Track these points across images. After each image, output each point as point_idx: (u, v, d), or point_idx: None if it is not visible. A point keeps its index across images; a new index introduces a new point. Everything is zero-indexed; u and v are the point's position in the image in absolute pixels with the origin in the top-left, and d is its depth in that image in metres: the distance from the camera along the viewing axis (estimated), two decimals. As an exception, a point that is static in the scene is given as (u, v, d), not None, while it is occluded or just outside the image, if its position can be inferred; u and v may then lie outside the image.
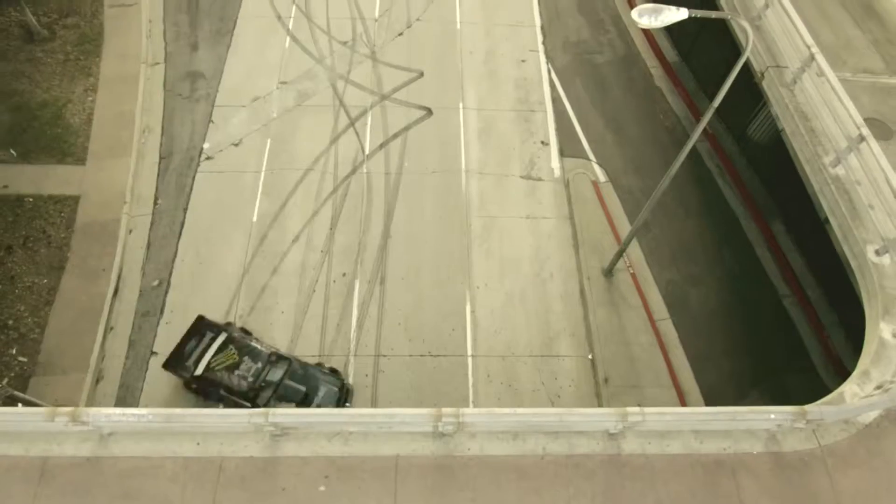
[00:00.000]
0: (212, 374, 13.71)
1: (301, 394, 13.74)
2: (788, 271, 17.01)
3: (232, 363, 13.82)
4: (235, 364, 13.80)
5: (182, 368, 13.93)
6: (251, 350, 14.12)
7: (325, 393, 13.87)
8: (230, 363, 13.82)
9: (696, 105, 20.41)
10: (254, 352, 14.08)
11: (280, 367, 13.96)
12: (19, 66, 19.52)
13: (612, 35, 22.82)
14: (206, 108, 19.49)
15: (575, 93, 20.96)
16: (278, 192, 18.01)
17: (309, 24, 21.78)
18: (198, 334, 14.37)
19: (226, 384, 13.62)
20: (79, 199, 17.24)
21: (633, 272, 17.04)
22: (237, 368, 13.76)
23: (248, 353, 14.03)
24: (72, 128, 18.53)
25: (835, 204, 12.09)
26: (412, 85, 20.46)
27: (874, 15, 15.61)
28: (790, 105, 13.55)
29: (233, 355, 13.92)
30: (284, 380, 13.79)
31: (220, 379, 13.67)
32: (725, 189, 18.86)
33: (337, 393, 14.02)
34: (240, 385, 13.61)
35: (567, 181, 18.82)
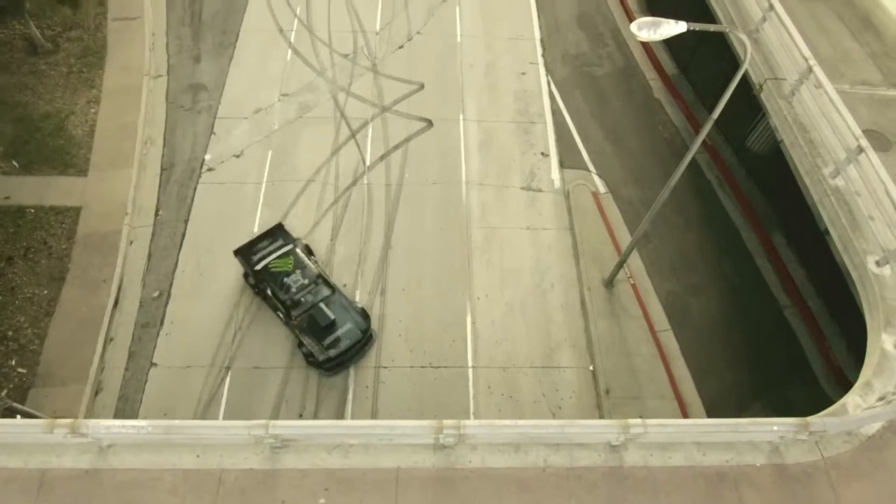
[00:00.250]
0: (266, 273, 15.31)
1: (328, 320, 14.79)
2: (789, 282, 17.01)
3: (285, 271, 15.32)
4: (287, 273, 15.29)
5: (247, 259, 15.64)
6: (305, 267, 15.49)
7: (349, 330, 14.93)
8: (284, 270, 15.33)
9: (694, 117, 20.53)
10: (306, 270, 15.47)
11: (322, 291, 15.29)
12: (22, 78, 19.66)
13: (611, 48, 23.00)
14: (208, 120, 19.60)
15: (575, 105, 21.09)
16: (279, 203, 18.05)
17: (311, 37, 21.97)
18: (271, 237, 16.02)
19: (273, 286, 15.17)
20: (80, 210, 17.29)
21: (633, 283, 17.03)
22: (287, 277, 15.22)
23: (301, 268, 15.45)
24: (74, 139, 18.63)
25: (835, 215, 12.12)
26: (413, 97, 20.60)
27: (871, 28, 15.75)
28: (789, 117, 13.63)
29: (289, 264, 15.43)
30: (320, 303, 15.06)
31: (270, 279, 15.23)
32: (725, 200, 18.91)
33: (360, 335, 14.99)
34: (283, 291, 15.08)
35: (567, 192, 18.87)
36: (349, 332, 14.89)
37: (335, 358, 14.71)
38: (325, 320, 14.77)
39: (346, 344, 14.76)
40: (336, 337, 14.76)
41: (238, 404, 14.82)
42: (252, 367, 15.35)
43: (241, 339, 15.72)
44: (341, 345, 14.72)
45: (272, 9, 22.74)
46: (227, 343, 15.64)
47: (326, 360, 14.66)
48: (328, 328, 14.74)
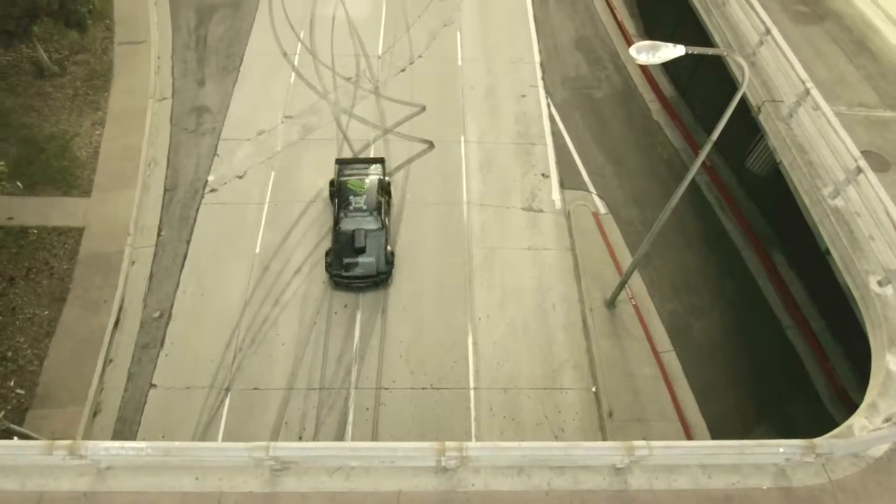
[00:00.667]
0: (343, 185, 17.19)
1: (359, 245, 16.48)
2: (791, 302, 16.97)
3: (355, 190, 17.04)
4: (356, 192, 17.00)
5: (339, 169, 17.63)
6: (371, 197, 17.02)
7: (369, 264, 16.46)
8: (355, 189, 17.06)
9: (693, 138, 20.72)
10: (370, 199, 16.99)
11: (370, 223, 16.83)
12: (29, 100, 19.91)
13: (609, 71, 23.32)
14: (212, 142, 19.79)
15: (574, 126, 21.31)
16: (281, 223, 18.13)
17: (314, 61, 22.31)
18: (368, 163, 17.87)
19: (340, 197, 17.08)
20: (83, 230, 17.36)
21: (635, 303, 17.00)
22: (353, 195, 16.97)
23: (369, 195, 17.01)
24: (78, 160, 18.79)
25: (835, 235, 12.15)
26: (414, 119, 20.82)
27: (866, 51, 15.99)
28: (787, 138, 13.75)
29: (361, 187, 17.07)
30: (362, 228, 16.69)
31: (341, 191, 17.10)
32: (725, 221, 18.98)
33: (374, 272, 16.51)
34: (343, 203, 16.96)
35: (568, 213, 18.95)
36: (367, 265, 16.44)
37: (344, 278, 16.48)
38: (358, 243, 16.48)
39: (360, 272, 16.43)
40: (356, 262, 16.42)
41: (237, 426, 14.68)
42: (252, 389, 15.25)
43: (241, 361, 15.64)
44: (355, 271, 16.42)
45: (276, 34, 23.14)
46: (226, 364, 15.56)
47: (337, 276, 16.49)
48: (354, 252, 16.40)
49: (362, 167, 17.74)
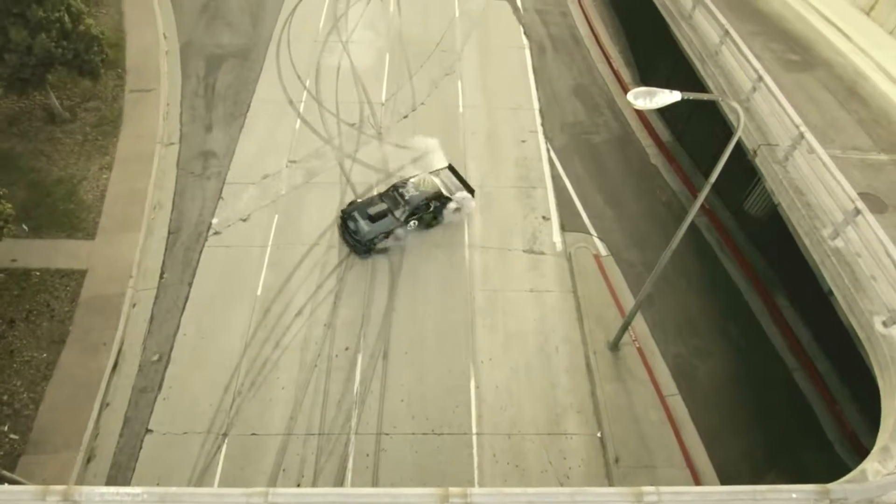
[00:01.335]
0: (423, 178, 19.18)
1: (372, 213, 18.31)
2: (796, 344, 16.83)
3: (418, 185, 18.91)
4: (420, 188, 18.81)
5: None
6: (418, 198, 18.58)
7: (361, 228, 18.13)
8: (423, 188, 18.80)
9: (691, 181, 21.02)
10: (416, 198, 18.59)
11: (399, 213, 18.44)
12: (39, 145, 20.33)
13: (607, 117, 23.89)
14: (217, 185, 20.08)
15: (574, 170, 21.66)
16: (284, 265, 18.18)
17: (319, 108, 22.88)
18: (454, 173, 19.88)
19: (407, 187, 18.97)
20: (85, 272, 17.39)
21: (638, 346, 16.85)
22: (415, 189, 18.79)
23: (418, 195, 18.61)
24: (84, 204, 19.02)
25: (837, 276, 12.17)
26: (417, 163, 21.16)
27: (857, 97, 16.42)
28: (784, 180, 13.95)
29: (427, 185, 18.90)
30: (387, 208, 18.47)
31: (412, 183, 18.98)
32: (726, 262, 19.04)
33: (362, 236, 18.04)
34: (402, 190, 18.81)
35: (569, 255, 19.03)
36: (360, 229, 18.13)
37: (342, 224, 18.60)
38: (370, 211, 18.38)
39: (351, 228, 18.26)
40: (356, 220, 18.26)
41: (234, 473, 14.30)
42: (250, 434, 14.93)
43: (239, 405, 15.39)
44: (350, 224, 18.31)
45: (283, 82, 23.83)
46: (225, 408, 15.30)
47: (342, 218, 18.60)
48: (365, 214, 18.31)
49: (448, 175, 19.55)
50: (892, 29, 18.47)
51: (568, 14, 29.28)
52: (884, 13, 18.82)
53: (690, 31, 19.03)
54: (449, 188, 19.12)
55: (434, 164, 20.65)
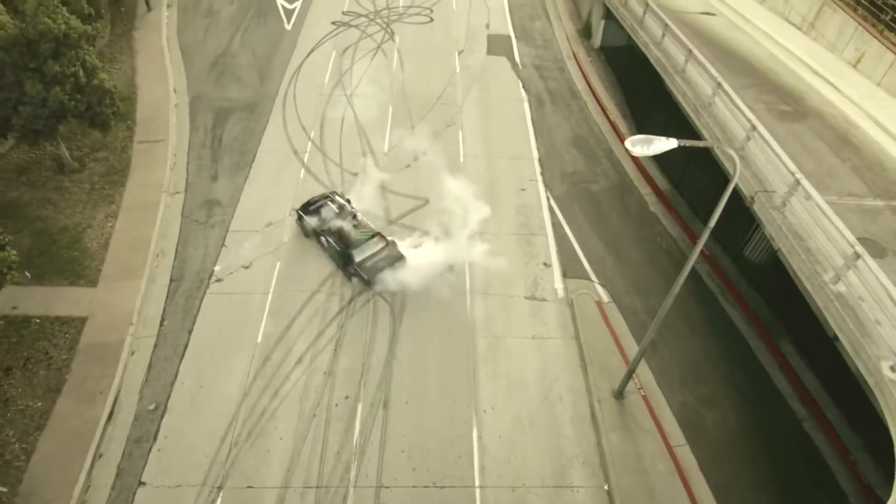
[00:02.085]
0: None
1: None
2: (804, 392, 16.52)
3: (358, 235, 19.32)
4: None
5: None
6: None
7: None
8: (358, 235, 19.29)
9: (690, 228, 21.19)
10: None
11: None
12: (47, 194, 20.67)
13: (605, 166, 24.34)
14: (220, 233, 20.26)
15: (574, 218, 21.88)
16: (285, 313, 18.10)
17: (323, 158, 23.38)
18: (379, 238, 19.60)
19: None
20: (86, 320, 17.32)
21: (644, 394, 16.55)
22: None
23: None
24: (88, 251, 19.14)
25: (841, 321, 12.08)
26: (418, 211, 21.45)
27: (850, 145, 16.79)
28: (783, 226, 14.07)
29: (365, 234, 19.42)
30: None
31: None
32: (729, 309, 18.95)
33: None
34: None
35: (571, 301, 18.97)
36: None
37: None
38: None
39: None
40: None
41: (228, 528, 13.79)
42: (245, 487, 14.46)
43: (235, 456, 14.97)
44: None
45: (288, 133, 24.45)
46: (220, 460, 14.88)
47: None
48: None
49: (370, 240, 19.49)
50: (879, 80, 19.09)
51: (565, 69, 30.34)
52: (870, 66, 19.50)
53: (684, 84, 19.66)
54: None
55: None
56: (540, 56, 31.15)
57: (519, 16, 34.61)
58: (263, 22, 31.99)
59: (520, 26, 33.60)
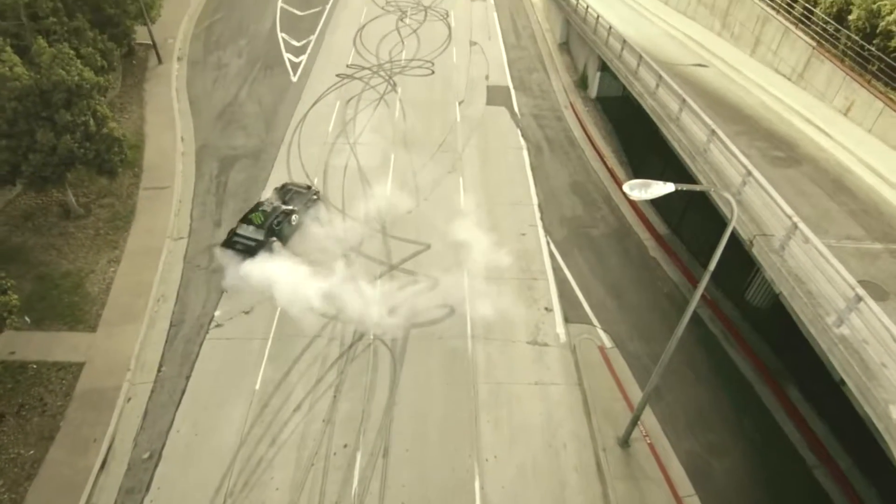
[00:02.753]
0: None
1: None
2: (813, 439, 16.15)
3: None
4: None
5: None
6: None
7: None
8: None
9: (691, 273, 21.23)
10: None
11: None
12: (52, 239, 20.85)
13: (604, 212, 24.61)
14: (222, 278, 20.29)
15: (574, 262, 21.96)
16: (284, 358, 17.93)
17: (326, 204, 23.67)
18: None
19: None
20: (83, 365, 17.16)
21: (650, 441, 16.17)
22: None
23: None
24: (89, 296, 19.15)
25: (847, 364, 11.95)
26: (420, 256, 21.56)
27: (845, 189, 17.03)
28: (783, 269, 14.11)
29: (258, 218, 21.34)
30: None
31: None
32: (733, 353, 18.75)
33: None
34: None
35: (573, 347, 18.80)
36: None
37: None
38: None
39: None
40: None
41: (220, 585, 13.22)
42: (240, 540, 13.98)
43: (230, 507, 14.53)
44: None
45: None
46: (215, 512, 14.44)
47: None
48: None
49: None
50: (870, 127, 19.54)
51: (562, 118, 31.12)
52: (860, 114, 20.00)
53: (679, 132, 20.13)
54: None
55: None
56: (538, 106, 32.02)
57: (517, 68, 35.78)
58: (270, 74, 33.07)
59: (518, 78, 34.69)
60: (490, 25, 40.99)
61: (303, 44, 36.67)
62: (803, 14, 23.50)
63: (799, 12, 23.78)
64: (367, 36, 37.98)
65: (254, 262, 20.09)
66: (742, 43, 27.52)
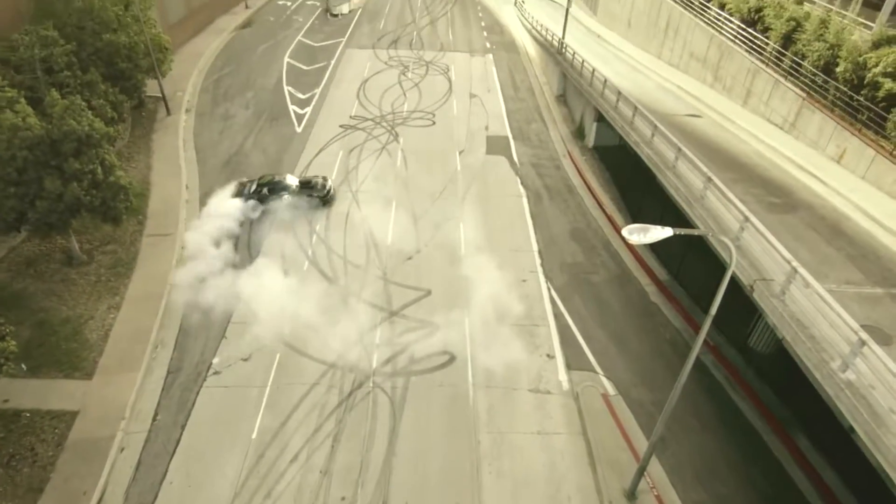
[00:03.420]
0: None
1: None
2: (825, 490, 15.64)
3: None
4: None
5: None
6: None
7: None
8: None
9: (693, 319, 21.11)
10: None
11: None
12: (53, 285, 20.88)
13: (604, 257, 24.72)
14: (223, 324, 20.22)
15: (575, 308, 21.88)
16: (282, 406, 17.63)
17: (327, 251, 23.84)
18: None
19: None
20: (77, 414, 16.85)
21: (657, 493, 15.67)
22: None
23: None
24: (88, 343, 19.01)
25: (855, 411, 11.72)
26: (420, 302, 21.51)
27: (842, 235, 17.14)
28: (785, 314, 14.04)
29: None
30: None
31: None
32: (738, 401, 18.42)
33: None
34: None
35: (576, 394, 18.50)
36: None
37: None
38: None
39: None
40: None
41: None
42: None
43: (223, 564, 13.97)
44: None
45: (294, 230, 25.11)
46: (206, 569, 13.87)
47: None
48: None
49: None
50: (863, 174, 19.87)
51: (561, 167, 31.71)
52: (853, 161, 20.39)
53: (675, 179, 20.47)
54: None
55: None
56: (537, 155, 32.68)
57: (516, 119, 36.73)
58: (276, 125, 33.97)
59: (517, 128, 35.56)
60: (489, 79, 42.36)
61: (308, 96, 37.82)
62: (792, 67, 24.31)
63: (787, 65, 24.61)
64: (370, 89, 39.20)
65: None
66: (734, 94, 28.36)
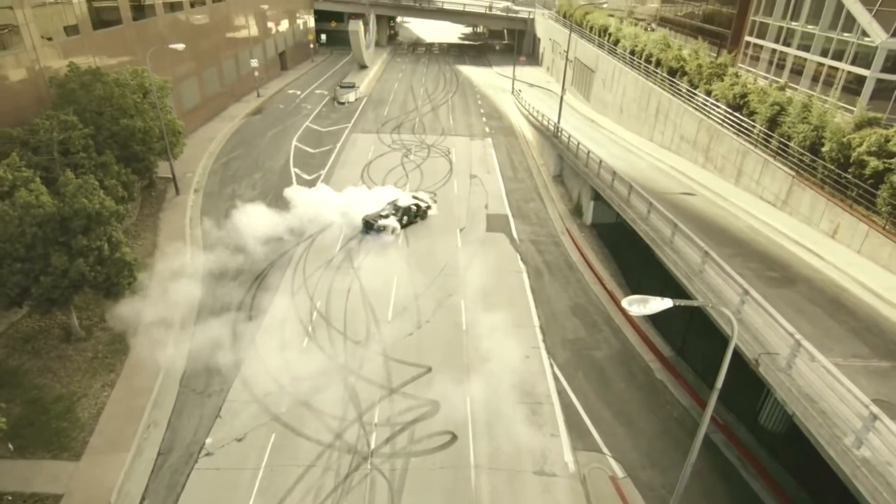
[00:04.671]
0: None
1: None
2: (855, 583, 14.55)
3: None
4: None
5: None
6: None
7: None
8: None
9: (699, 396, 20.60)
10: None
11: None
12: (49, 362, 20.61)
13: (606, 333, 24.50)
14: (217, 403, 19.75)
15: (579, 386, 21.42)
16: (275, 490, 16.85)
17: (327, 327, 23.71)
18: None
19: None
20: (61, 498, 16.09)
21: (673, 587, 14.60)
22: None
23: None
24: (79, 422, 18.50)
25: (874, 490, 11.21)
26: (420, 379, 21.11)
27: (843, 308, 17.11)
28: (793, 389, 13.76)
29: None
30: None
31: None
32: (752, 482, 17.59)
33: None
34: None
35: (583, 477, 17.72)
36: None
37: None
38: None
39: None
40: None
41: None
42: None
43: None
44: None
45: (295, 302, 25.14)
46: None
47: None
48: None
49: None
50: (858, 248, 20.13)
51: (560, 244, 32.17)
52: (847, 236, 20.73)
53: (673, 254, 20.73)
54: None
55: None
56: (535, 232, 33.25)
57: (515, 198, 37.71)
58: (283, 206, 34.82)
59: (516, 207, 36.43)
60: (489, 161, 43.92)
61: (314, 177, 39.08)
62: (780, 147, 25.29)
63: (775, 146, 25.61)
64: (373, 170, 40.58)
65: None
66: (726, 174, 29.30)
